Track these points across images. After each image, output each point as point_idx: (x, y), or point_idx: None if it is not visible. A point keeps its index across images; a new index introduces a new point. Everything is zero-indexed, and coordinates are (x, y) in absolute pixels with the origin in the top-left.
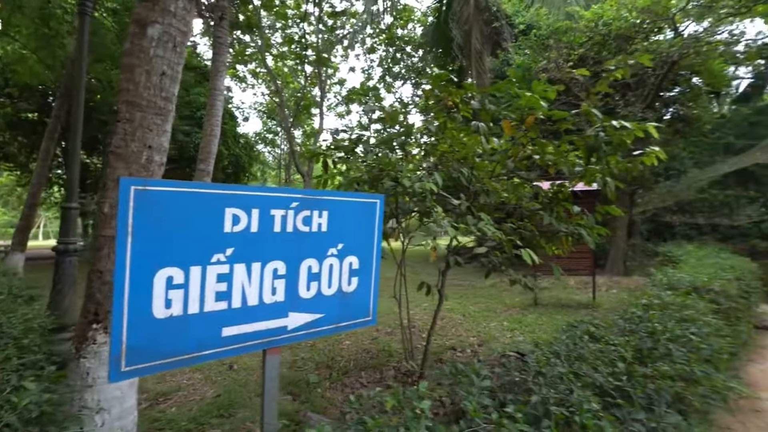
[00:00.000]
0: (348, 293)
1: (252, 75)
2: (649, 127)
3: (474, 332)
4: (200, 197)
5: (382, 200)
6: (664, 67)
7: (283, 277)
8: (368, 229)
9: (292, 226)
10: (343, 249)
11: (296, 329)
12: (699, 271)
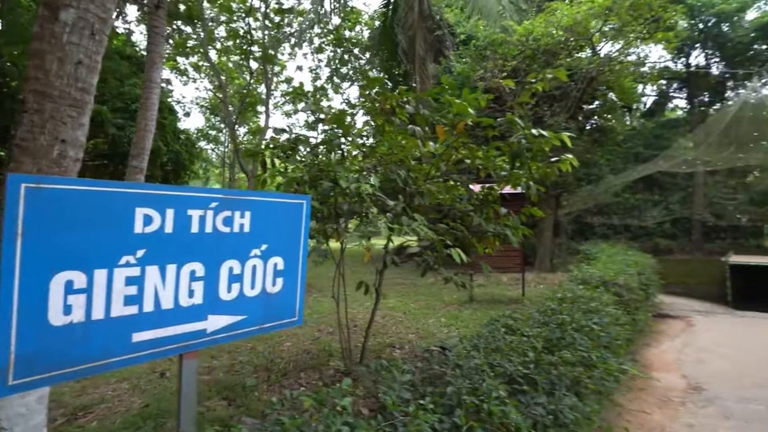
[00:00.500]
0: (273, 294)
1: (194, 68)
2: (563, 137)
3: (413, 329)
4: (106, 196)
5: (308, 201)
6: (584, 82)
7: (202, 279)
8: (294, 229)
9: (212, 227)
10: (268, 250)
11: (216, 332)
12: (608, 267)
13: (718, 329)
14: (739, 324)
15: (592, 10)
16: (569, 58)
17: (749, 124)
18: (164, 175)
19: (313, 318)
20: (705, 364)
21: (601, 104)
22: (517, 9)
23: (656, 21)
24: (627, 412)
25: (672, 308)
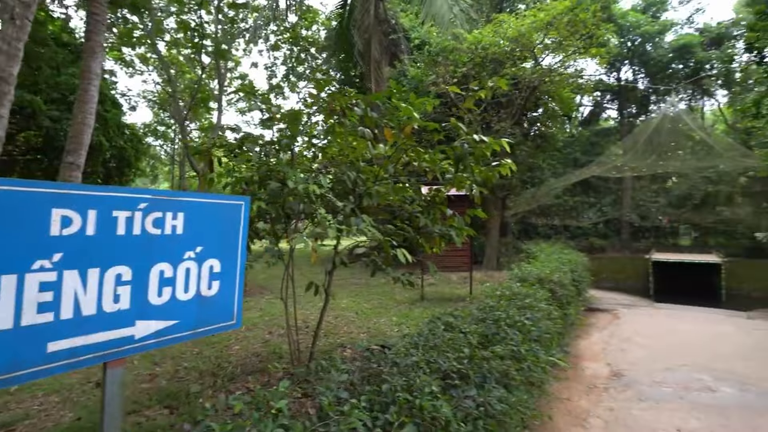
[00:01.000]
0: (208, 297)
1: (141, 60)
2: (503, 142)
3: (364, 328)
4: (15, 196)
5: (247, 202)
6: (527, 91)
7: (129, 283)
8: (232, 231)
9: (140, 229)
10: (203, 252)
11: (146, 338)
12: (545, 265)
13: (639, 321)
14: (657, 315)
15: (535, 24)
16: (514, 67)
17: (668, 135)
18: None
19: (265, 320)
20: (626, 352)
21: (543, 112)
22: (468, 18)
23: (590, 37)
24: (557, 400)
25: (602, 302)
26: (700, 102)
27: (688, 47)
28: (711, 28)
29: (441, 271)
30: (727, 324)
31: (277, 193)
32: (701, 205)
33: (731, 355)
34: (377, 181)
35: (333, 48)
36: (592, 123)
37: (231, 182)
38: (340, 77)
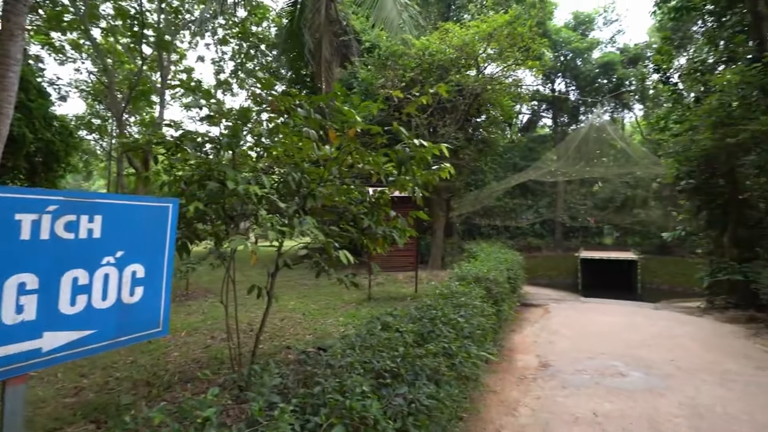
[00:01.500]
0: (131, 305)
1: (73, 47)
2: (442, 147)
3: (311, 330)
4: None
5: (175, 204)
6: (470, 98)
7: (35, 292)
8: (158, 234)
9: (49, 233)
10: (125, 257)
11: (55, 350)
12: (484, 264)
13: (566, 314)
14: (582, 309)
15: (478, 35)
16: (459, 74)
17: (594, 143)
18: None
19: (207, 324)
20: (554, 344)
21: (485, 118)
22: (416, 24)
23: (528, 50)
24: (491, 392)
25: (536, 298)
26: (621, 114)
27: (611, 64)
28: (629, 49)
29: (388, 271)
30: (638, 315)
31: (217, 193)
32: (621, 208)
33: (640, 343)
34: (322, 183)
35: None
36: (530, 130)
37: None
38: (291, 76)
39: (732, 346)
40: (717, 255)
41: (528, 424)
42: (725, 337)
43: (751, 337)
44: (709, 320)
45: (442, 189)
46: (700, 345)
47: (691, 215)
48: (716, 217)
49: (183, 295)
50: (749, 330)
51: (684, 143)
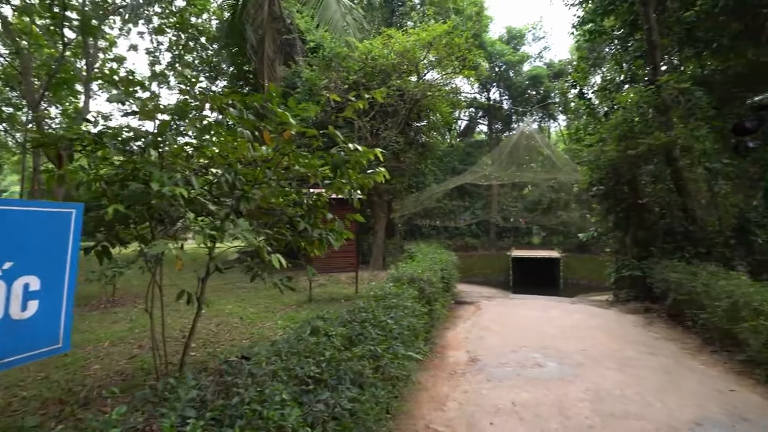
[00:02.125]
0: (21, 321)
1: None
2: (376, 152)
3: (248, 334)
4: None
5: (79, 210)
6: (411, 103)
7: None
8: (58, 243)
9: None
10: (14, 268)
11: None
12: (419, 265)
13: (496, 311)
14: (510, 305)
15: (418, 42)
16: (400, 79)
17: (524, 150)
18: None
19: (134, 332)
20: (483, 339)
21: (426, 123)
22: (360, 28)
23: (464, 60)
24: (423, 389)
25: (469, 296)
26: (548, 123)
27: (538, 77)
28: (554, 64)
29: (329, 272)
30: (557, 309)
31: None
32: (547, 210)
33: (557, 335)
34: (257, 185)
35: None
36: (468, 135)
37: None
38: (233, 71)
39: (631, 334)
40: (621, 254)
41: (455, 417)
42: (626, 326)
43: (647, 325)
44: (614, 312)
45: (383, 191)
46: (607, 335)
47: (601, 218)
48: (621, 220)
49: (109, 301)
50: (646, 319)
51: (595, 153)
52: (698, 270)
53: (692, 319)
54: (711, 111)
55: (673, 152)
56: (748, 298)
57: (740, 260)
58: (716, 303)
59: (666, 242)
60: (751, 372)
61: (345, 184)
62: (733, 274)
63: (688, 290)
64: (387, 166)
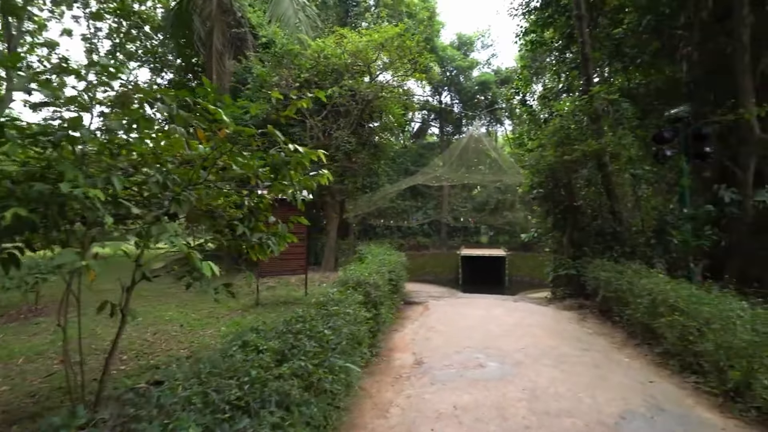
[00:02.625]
0: None
1: None
2: (319, 153)
3: (187, 343)
4: None
5: None
6: (363, 103)
7: None
8: None
9: None
10: None
11: None
12: (368, 267)
13: (443, 311)
14: (456, 305)
15: (370, 43)
16: (352, 79)
17: (473, 152)
18: None
19: (57, 346)
20: (429, 341)
21: (378, 124)
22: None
23: (416, 63)
24: (367, 396)
25: (418, 296)
26: (495, 128)
27: (487, 83)
28: (501, 71)
29: (279, 274)
30: (500, 308)
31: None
32: (494, 210)
33: (499, 334)
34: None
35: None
36: (421, 137)
37: None
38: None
39: (567, 330)
40: (559, 253)
41: (397, 425)
42: (563, 323)
43: (581, 321)
44: (552, 309)
45: (336, 191)
46: (545, 332)
47: (541, 219)
48: (558, 222)
49: (30, 310)
50: (580, 315)
51: (536, 158)
52: (624, 268)
53: (619, 315)
54: (635, 121)
55: (603, 158)
56: (665, 295)
57: (659, 258)
58: (638, 300)
59: (597, 242)
60: (667, 363)
61: (287, 186)
62: (653, 272)
63: (615, 288)
64: (339, 166)
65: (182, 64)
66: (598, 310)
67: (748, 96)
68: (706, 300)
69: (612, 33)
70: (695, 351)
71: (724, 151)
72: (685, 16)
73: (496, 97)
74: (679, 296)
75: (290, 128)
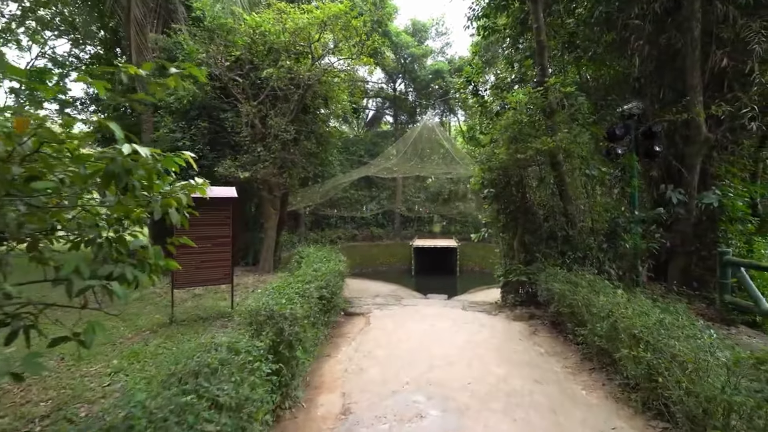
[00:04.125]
0: None
1: None
2: (186, 156)
3: (58, 388)
4: None
5: None
6: (304, 88)
7: None
8: None
9: None
10: None
11: None
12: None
13: (385, 324)
14: (402, 315)
15: (312, 21)
16: (291, 60)
17: (427, 142)
18: None
19: None
20: (364, 372)
21: (323, 112)
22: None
23: (363, 45)
24: None
25: (362, 301)
26: (449, 118)
27: (440, 72)
28: (455, 61)
29: (198, 285)
30: (447, 320)
31: None
32: (447, 200)
33: (443, 360)
34: None
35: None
36: (375, 126)
37: None
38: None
39: (517, 351)
40: (509, 257)
41: None
42: (513, 340)
43: (532, 335)
44: (502, 320)
45: (274, 186)
46: (494, 355)
47: (492, 219)
48: (509, 223)
49: None
50: (530, 327)
51: (488, 154)
52: (578, 279)
53: (573, 332)
54: (590, 117)
55: (557, 157)
56: (628, 321)
57: (610, 264)
58: (597, 323)
59: (549, 246)
60: (628, 397)
61: (139, 202)
62: (608, 284)
63: (569, 302)
64: (277, 158)
65: (108, 36)
66: (549, 322)
67: (696, 94)
68: (675, 329)
69: (566, 22)
70: (663, 394)
71: (670, 149)
72: (639, 8)
73: (450, 87)
74: (645, 326)
75: (221, 113)
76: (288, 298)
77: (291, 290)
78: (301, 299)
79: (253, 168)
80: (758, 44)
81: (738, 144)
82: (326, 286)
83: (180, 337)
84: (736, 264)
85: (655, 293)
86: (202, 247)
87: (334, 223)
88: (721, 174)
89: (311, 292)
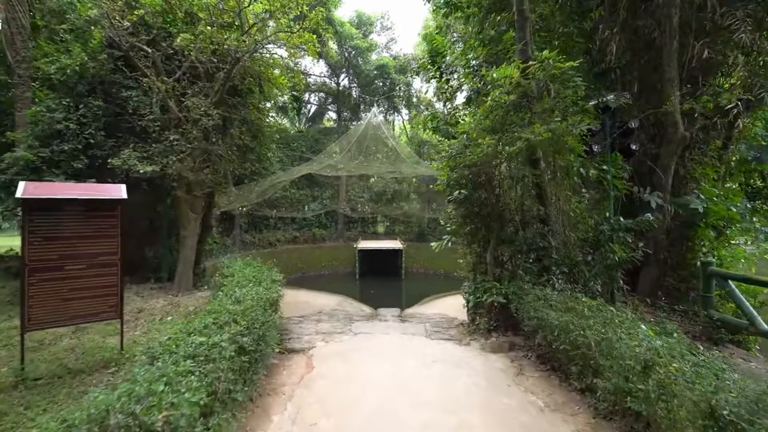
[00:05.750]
0: None
1: None
2: None
3: None
4: None
5: None
6: (231, 64)
7: None
8: None
9: None
10: None
11: None
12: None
13: (333, 369)
14: (355, 352)
15: None
16: (213, 27)
17: (371, 140)
18: None
19: None
20: None
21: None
22: None
23: (303, 19)
24: None
25: (303, 328)
26: (393, 116)
27: (385, 68)
28: (400, 58)
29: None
30: (411, 356)
31: None
32: (391, 200)
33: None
34: None
35: None
36: (317, 122)
37: None
38: None
39: (512, 409)
40: (480, 272)
41: None
42: (501, 388)
43: (519, 376)
44: (477, 353)
45: (194, 184)
46: (486, 420)
47: (457, 226)
48: (480, 232)
49: None
50: (514, 364)
51: (459, 147)
52: (576, 304)
53: (578, 377)
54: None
55: (537, 152)
56: (689, 388)
57: (595, 279)
58: (624, 375)
59: (527, 261)
60: None
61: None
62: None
63: (574, 339)
64: (197, 148)
65: None
66: (535, 355)
67: (674, 87)
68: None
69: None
70: None
71: (645, 148)
72: None
73: (395, 84)
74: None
75: (123, 91)
76: (177, 371)
77: (189, 347)
78: (202, 369)
79: (165, 161)
80: (744, 33)
81: (707, 144)
82: (249, 330)
83: (23, 406)
84: (723, 276)
85: (640, 310)
86: (71, 271)
87: (273, 224)
88: (696, 176)
89: (223, 348)
